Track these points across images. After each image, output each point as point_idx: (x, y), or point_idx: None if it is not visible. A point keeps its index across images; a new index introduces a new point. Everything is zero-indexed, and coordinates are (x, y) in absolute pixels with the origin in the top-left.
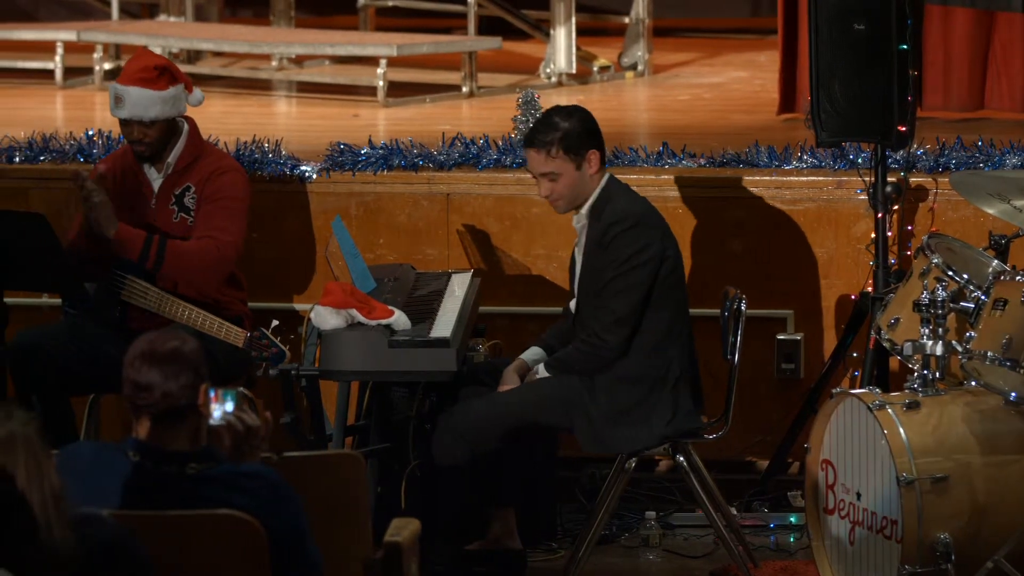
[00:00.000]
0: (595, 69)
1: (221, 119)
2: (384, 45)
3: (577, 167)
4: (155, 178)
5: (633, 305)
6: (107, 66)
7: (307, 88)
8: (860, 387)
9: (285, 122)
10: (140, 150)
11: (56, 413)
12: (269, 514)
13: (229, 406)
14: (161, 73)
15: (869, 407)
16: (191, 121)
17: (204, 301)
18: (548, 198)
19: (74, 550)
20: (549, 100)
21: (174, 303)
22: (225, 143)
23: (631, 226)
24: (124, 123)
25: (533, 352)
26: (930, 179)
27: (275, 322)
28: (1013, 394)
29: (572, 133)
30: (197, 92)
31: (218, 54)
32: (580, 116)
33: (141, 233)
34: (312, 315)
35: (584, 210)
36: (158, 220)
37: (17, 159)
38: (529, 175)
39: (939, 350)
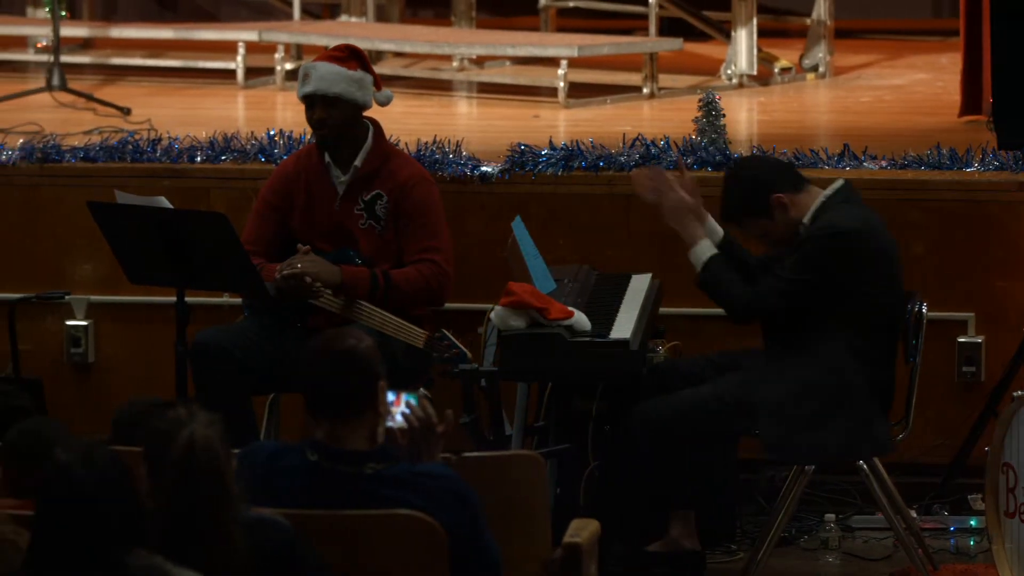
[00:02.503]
0: (776, 71)
1: (402, 120)
2: (565, 46)
3: (769, 218)
4: (340, 180)
5: (787, 299)
6: (288, 66)
7: (488, 89)
8: None
9: (466, 123)
10: (322, 133)
11: (236, 413)
12: (447, 514)
13: (409, 408)
14: (352, 54)
15: None
16: (376, 124)
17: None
18: (770, 249)
19: (249, 553)
20: (730, 101)
21: (355, 303)
22: (406, 143)
23: (828, 235)
24: (308, 103)
25: (716, 232)
26: None
27: (448, 331)
28: None
29: (743, 199)
30: (387, 91)
31: (399, 55)
32: (744, 175)
33: (364, 272)
34: (492, 315)
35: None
36: (343, 223)
37: (199, 159)
38: (710, 174)
39: None
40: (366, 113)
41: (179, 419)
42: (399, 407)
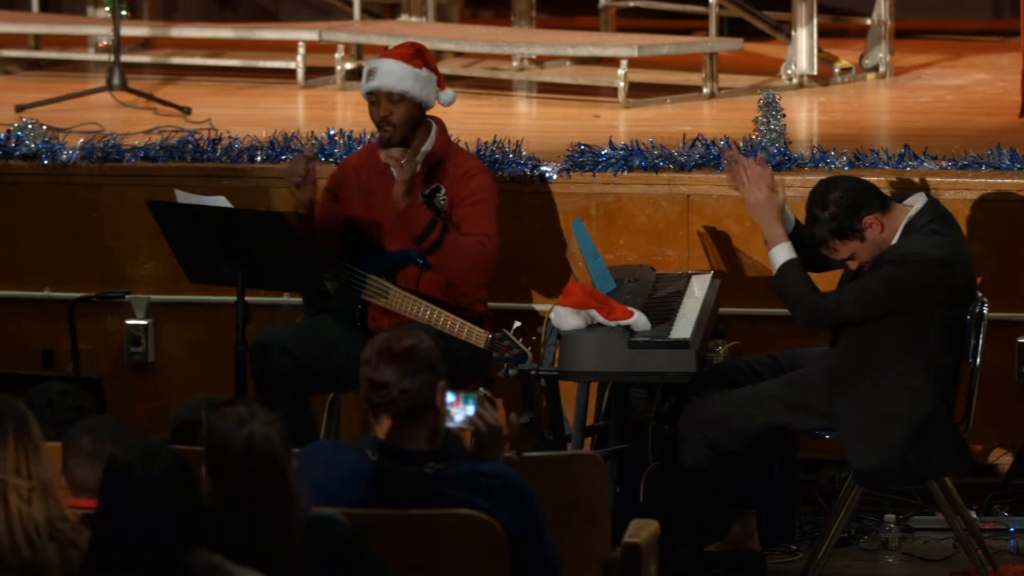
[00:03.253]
0: (836, 71)
1: (462, 119)
2: (625, 46)
3: (860, 239)
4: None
5: (864, 314)
6: (348, 66)
7: (547, 89)
8: None
9: (525, 122)
10: (386, 131)
11: (297, 412)
12: (507, 514)
13: (471, 408)
14: (417, 52)
15: None
16: (439, 121)
17: (446, 301)
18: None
19: (309, 552)
20: (790, 101)
21: (415, 302)
22: (466, 143)
23: (915, 263)
24: (373, 100)
25: (788, 220)
26: None
27: (517, 323)
28: None
29: (835, 223)
30: (450, 91)
31: (459, 55)
32: (834, 198)
33: (429, 214)
34: (552, 315)
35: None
36: (404, 218)
37: (259, 158)
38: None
39: None
40: (430, 113)
41: (239, 417)
42: (458, 407)
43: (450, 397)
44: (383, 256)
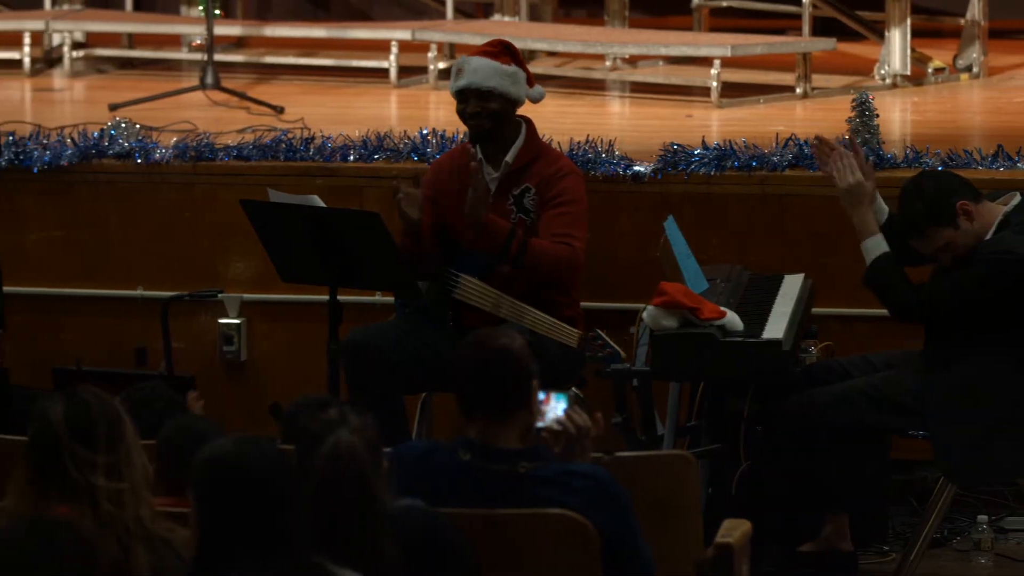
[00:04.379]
0: (930, 71)
1: (554, 119)
2: (718, 46)
3: (954, 227)
4: (491, 177)
5: (956, 309)
6: (441, 65)
7: (640, 88)
8: None
9: (618, 122)
10: (476, 126)
11: (389, 412)
12: (599, 514)
13: (561, 408)
14: (505, 49)
15: None
16: (529, 121)
17: (538, 301)
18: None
19: (396, 543)
20: (883, 101)
21: (508, 302)
22: (559, 143)
23: (1010, 261)
24: (462, 98)
25: (882, 210)
26: None
27: (601, 330)
28: None
29: (928, 207)
30: (539, 88)
31: (552, 54)
32: (927, 185)
33: (507, 225)
34: (644, 315)
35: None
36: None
37: (351, 158)
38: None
39: None
40: (519, 112)
41: (329, 422)
42: (548, 406)
43: (540, 396)
44: (475, 256)
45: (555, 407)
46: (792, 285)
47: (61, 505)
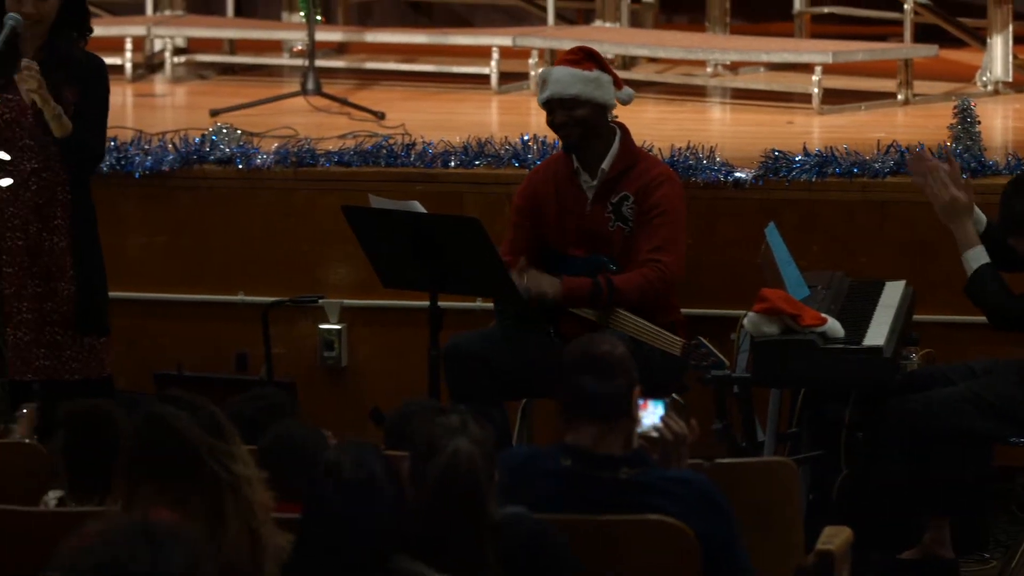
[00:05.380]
0: None
1: (656, 125)
2: (819, 52)
3: None
4: (589, 185)
5: None
6: (542, 71)
7: (741, 94)
8: None
9: (719, 128)
10: (566, 136)
11: (489, 418)
12: (700, 520)
13: (658, 415)
14: (586, 56)
15: None
16: (623, 127)
17: (639, 308)
18: None
19: (500, 552)
20: (985, 109)
21: (609, 309)
22: (659, 149)
23: None
24: (549, 109)
25: (980, 220)
26: None
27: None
28: None
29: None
30: (627, 89)
31: (653, 60)
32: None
33: (586, 281)
34: (745, 321)
35: None
36: (593, 227)
37: (452, 163)
38: (966, 182)
39: None
40: (617, 118)
41: (450, 428)
42: (646, 412)
43: (638, 402)
44: (574, 262)
45: (652, 413)
46: (893, 292)
47: (165, 509)
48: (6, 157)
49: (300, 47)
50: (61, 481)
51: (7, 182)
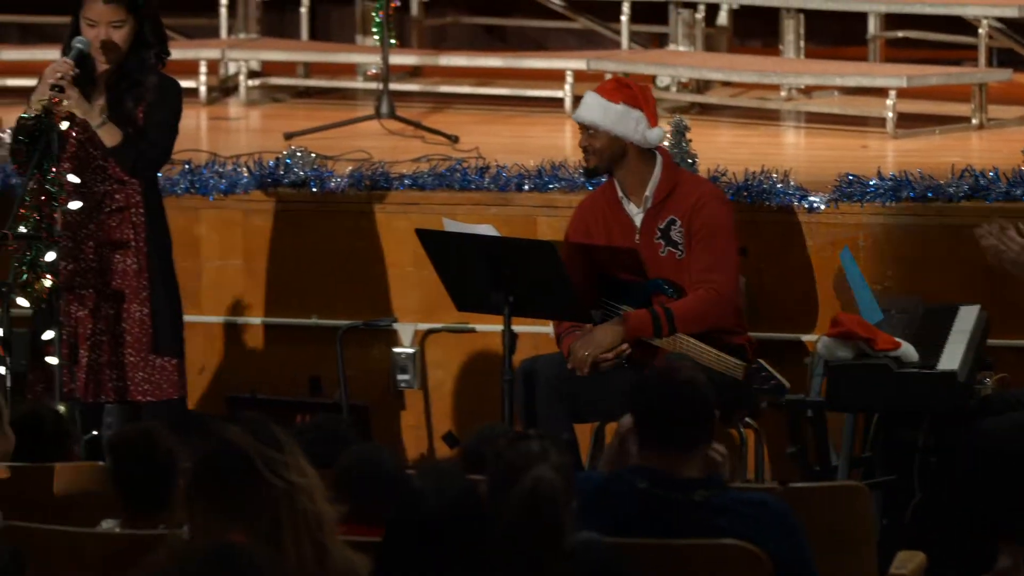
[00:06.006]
0: None
1: (729, 149)
2: (894, 76)
3: None
4: (635, 213)
5: None
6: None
7: (815, 119)
8: None
9: (793, 152)
10: (584, 159)
11: (561, 441)
12: (774, 543)
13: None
14: (619, 88)
15: None
16: (664, 151)
17: (706, 333)
18: None
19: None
20: None
21: (672, 335)
22: (733, 173)
23: None
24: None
25: None
26: None
27: (765, 361)
28: None
29: None
30: (658, 130)
31: (727, 84)
32: None
33: (645, 316)
34: (819, 345)
35: None
36: (645, 255)
37: (526, 187)
38: None
39: None
40: (691, 143)
41: (532, 454)
42: None
43: None
44: (634, 288)
45: None
46: (968, 316)
47: (237, 532)
48: (76, 180)
49: (374, 70)
50: (117, 509)
51: (77, 205)
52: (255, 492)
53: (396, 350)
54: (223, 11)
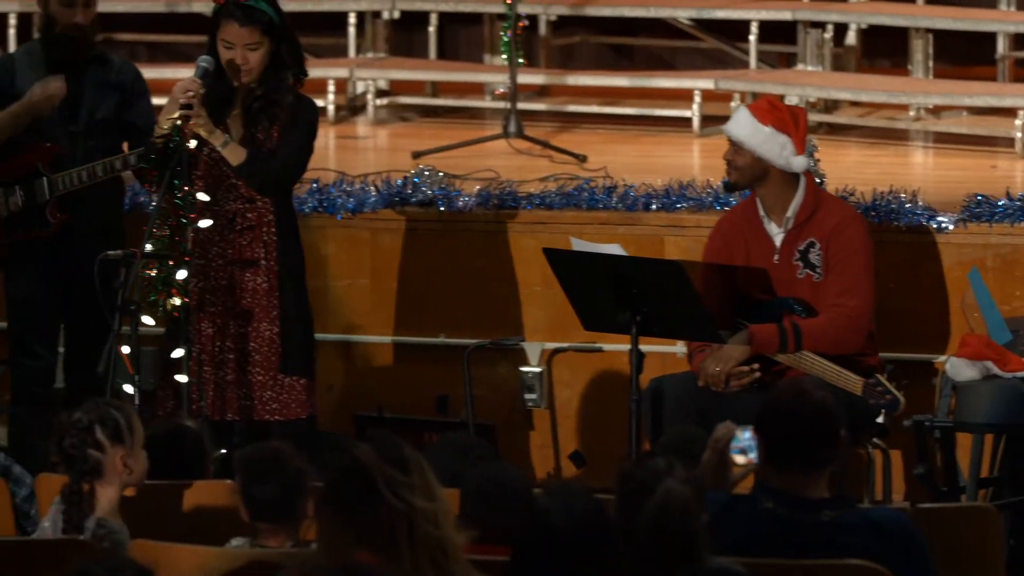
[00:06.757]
0: None
1: (857, 168)
2: (1023, 96)
3: None
4: (775, 233)
5: None
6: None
7: (943, 138)
8: None
9: (921, 172)
10: (726, 173)
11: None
12: (900, 562)
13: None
14: (771, 110)
15: None
16: (807, 174)
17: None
18: None
19: None
20: None
21: (800, 353)
22: (861, 193)
23: None
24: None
25: None
26: None
27: (890, 367)
28: None
29: None
30: (803, 158)
31: (855, 103)
32: None
33: (772, 328)
34: (947, 366)
35: None
36: (782, 276)
37: (654, 207)
38: None
39: None
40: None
41: (659, 470)
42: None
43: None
44: (763, 306)
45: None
46: None
47: (363, 551)
48: (206, 198)
49: (502, 90)
50: (246, 527)
51: (207, 223)
52: (376, 512)
53: (523, 369)
54: (351, 30)
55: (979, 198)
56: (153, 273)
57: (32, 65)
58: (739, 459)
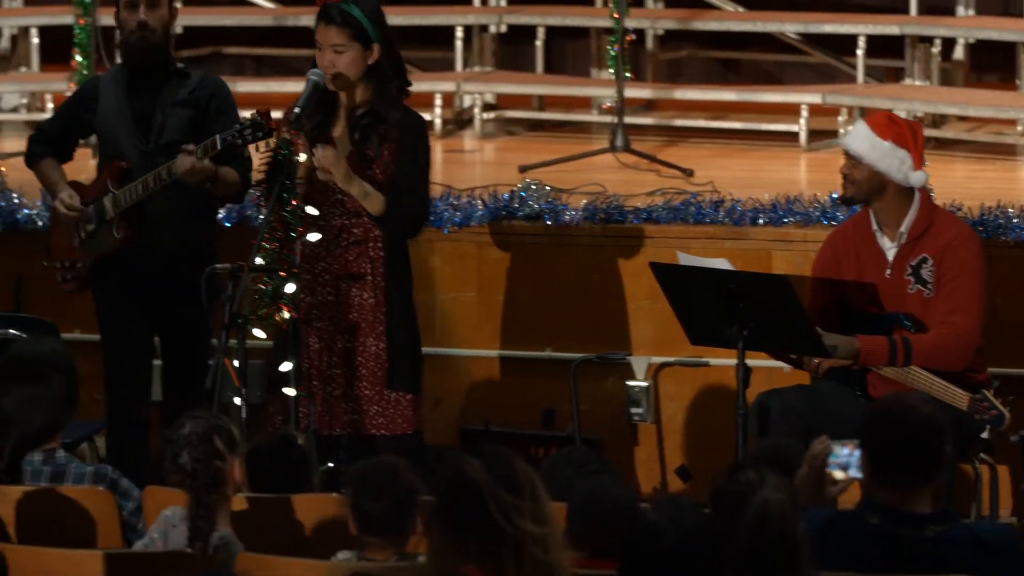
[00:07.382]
0: None
1: (965, 183)
2: None
3: None
4: (888, 247)
5: None
6: (851, 129)
7: None
8: None
9: None
10: (842, 187)
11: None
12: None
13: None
14: (890, 125)
15: None
16: (922, 189)
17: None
18: None
19: None
20: None
21: (909, 368)
22: (968, 208)
23: None
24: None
25: None
26: None
27: (996, 383)
28: None
29: None
30: (921, 173)
31: (963, 118)
32: None
33: (882, 340)
34: None
35: None
36: (893, 290)
37: (761, 221)
38: None
39: None
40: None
41: (750, 482)
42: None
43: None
44: (873, 319)
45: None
46: None
47: (471, 566)
48: (314, 212)
49: (609, 104)
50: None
51: (316, 237)
52: (484, 531)
53: (630, 383)
54: (459, 44)
55: None
56: (262, 287)
57: (115, 83)
58: (838, 474)
